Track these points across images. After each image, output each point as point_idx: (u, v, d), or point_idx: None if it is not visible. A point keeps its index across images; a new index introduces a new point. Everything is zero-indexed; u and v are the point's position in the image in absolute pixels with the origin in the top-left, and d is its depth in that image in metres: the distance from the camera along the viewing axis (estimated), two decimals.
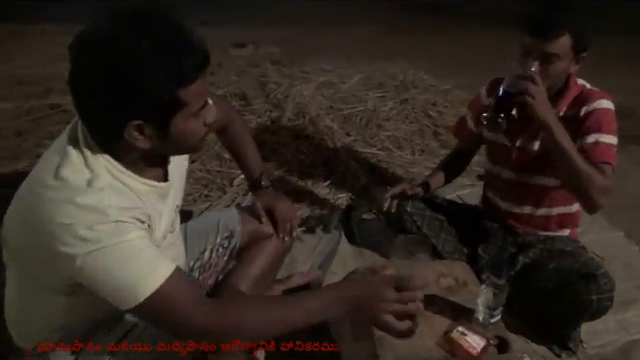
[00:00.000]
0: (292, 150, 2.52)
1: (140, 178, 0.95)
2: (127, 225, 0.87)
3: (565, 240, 1.60)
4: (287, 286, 1.60)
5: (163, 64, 0.82)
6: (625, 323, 1.58)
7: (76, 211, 0.83)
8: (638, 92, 3.68)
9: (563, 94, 1.47)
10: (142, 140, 0.88)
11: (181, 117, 0.88)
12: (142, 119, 0.86)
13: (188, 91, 0.86)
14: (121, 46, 0.81)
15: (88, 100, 0.86)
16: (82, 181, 0.86)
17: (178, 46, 0.84)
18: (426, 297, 1.26)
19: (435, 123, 2.92)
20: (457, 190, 2.26)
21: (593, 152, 1.39)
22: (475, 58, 4.72)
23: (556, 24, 1.35)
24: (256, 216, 1.45)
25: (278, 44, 4.55)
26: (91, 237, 0.83)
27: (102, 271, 0.85)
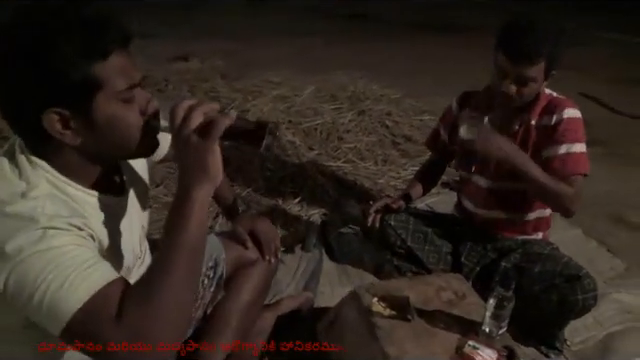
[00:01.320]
0: (257, 168, 2.46)
1: (86, 189, 0.86)
2: (58, 232, 0.74)
3: (541, 243, 1.69)
4: (279, 312, 1.56)
5: (70, 38, 0.74)
6: (600, 318, 1.69)
7: (2, 222, 0.73)
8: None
9: (534, 104, 1.54)
10: (69, 135, 0.79)
11: (103, 99, 0.78)
12: (58, 105, 0.76)
13: (104, 67, 0.77)
14: (25, 27, 0.76)
15: (1, 93, 0.79)
16: (14, 193, 0.76)
17: (89, 21, 0.77)
18: (431, 313, 1.30)
19: (392, 133, 2.98)
20: (426, 199, 2.31)
21: (565, 164, 1.47)
22: (410, 65, 4.92)
23: (534, 52, 1.40)
24: (240, 242, 1.40)
25: (221, 57, 4.45)
26: (15, 248, 0.71)
27: (26, 285, 0.71)
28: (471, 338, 1.20)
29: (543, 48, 1.39)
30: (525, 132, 1.55)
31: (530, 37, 1.39)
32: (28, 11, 0.78)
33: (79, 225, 0.78)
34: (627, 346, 1.61)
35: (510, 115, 1.56)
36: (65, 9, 0.77)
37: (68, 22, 0.75)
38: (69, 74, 0.75)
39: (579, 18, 7.16)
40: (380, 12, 7.56)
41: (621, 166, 3.05)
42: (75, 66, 0.75)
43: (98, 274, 0.74)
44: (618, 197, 2.61)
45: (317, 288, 1.76)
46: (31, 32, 0.75)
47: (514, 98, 1.47)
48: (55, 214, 0.76)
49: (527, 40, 1.38)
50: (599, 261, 2.01)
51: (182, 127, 0.78)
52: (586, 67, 4.85)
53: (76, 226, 0.77)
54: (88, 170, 0.87)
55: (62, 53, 0.74)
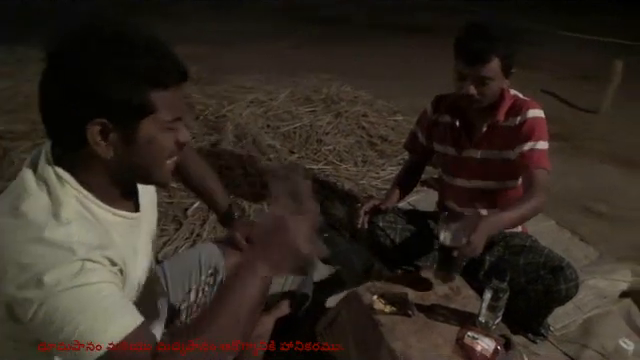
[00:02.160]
0: (240, 173, 2.47)
1: (110, 208, 0.88)
2: (95, 265, 0.77)
3: (521, 235, 1.77)
4: (277, 315, 1.57)
5: (142, 61, 0.79)
6: (578, 303, 1.79)
7: (40, 250, 0.74)
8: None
9: (499, 105, 1.61)
10: (104, 147, 0.81)
11: (149, 123, 0.82)
12: (106, 116, 0.79)
13: (161, 96, 0.81)
14: (104, 37, 0.79)
15: (55, 97, 0.81)
16: (45, 215, 0.77)
17: (157, 49, 0.82)
18: (429, 308, 1.35)
19: (369, 133, 3.04)
20: (407, 197, 2.37)
21: (530, 159, 1.57)
22: (378, 66, 5.03)
23: (485, 51, 1.49)
24: (238, 248, 1.42)
25: (191, 62, 4.39)
26: (52, 281, 0.73)
27: (56, 319, 0.74)
28: (470, 329, 1.26)
29: (494, 47, 1.48)
30: (492, 132, 1.63)
31: (481, 38, 1.48)
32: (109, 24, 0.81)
33: (111, 257, 0.81)
34: (605, 328, 1.72)
35: (478, 117, 1.64)
36: (141, 33, 0.82)
37: (142, 45, 0.80)
38: (130, 94, 0.79)
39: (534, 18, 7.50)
40: (347, 15, 7.65)
41: (583, 160, 3.23)
42: (138, 88, 0.79)
43: (129, 317, 0.79)
44: (584, 189, 2.77)
45: (311, 289, 1.79)
46: (108, 43, 0.78)
47: (477, 99, 1.55)
48: (90, 245, 0.78)
49: (478, 41, 1.48)
50: (574, 250, 2.13)
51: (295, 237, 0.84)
52: (544, 65, 5.08)
53: (109, 259, 0.81)
54: (110, 187, 0.88)
55: (131, 72, 0.78)
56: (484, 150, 1.67)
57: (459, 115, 1.68)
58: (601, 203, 2.64)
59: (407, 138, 1.97)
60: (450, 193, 1.84)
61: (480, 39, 1.49)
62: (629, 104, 4.22)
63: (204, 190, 1.48)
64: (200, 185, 1.47)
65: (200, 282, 1.36)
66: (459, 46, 1.53)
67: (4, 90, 3.34)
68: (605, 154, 3.35)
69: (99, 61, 0.78)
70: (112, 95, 0.78)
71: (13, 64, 4.09)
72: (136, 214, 0.96)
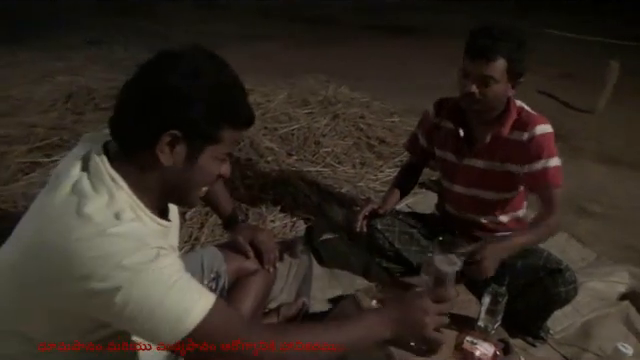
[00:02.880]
0: (238, 176, 2.46)
1: (154, 216, 0.93)
2: (168, 253, 0.83)
3: None
4: (277, 319, 1.58)
5: (228, 98, 0.88)
6: (577, 306, 1.78)
7: (112, 241, 0.78)
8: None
9: (505, 117, 1.59)
10: (168, 154, 0.86)
11: (212, 150, 0.89)
12: (183, 132, 0.85)
13: (230, 134, 0.89)
14: (205, 64, 0.87)
15: (144, 96, 0.85)
16: (109, 215, 0.81)
17: (242, 93, 0.91)
18: None
19: (367, 135, 3.04)
20: (405, 200, 2.37)
21: (544, 179, 1.57)
22: (371, 67, 5.03)
23: (491, 48, 1.47)
24: (241, 252, 1.42)
25: None
26: (134, 263, 0.77)
27: (148, 300, 0.78)
28: (469, 334, 1.27)
29: (500, 46, 1.46)
30: (495, 143, 1.61)
31: (489, 35, 1.47)
32: (206, 54, 0.89)
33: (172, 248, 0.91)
34: (604, 331, 1.72)
35: (482, 127, 1.63)
36: (231, 71, 0.91)
37: (233, 84, 0.89)
38: (211, 122, 0.87)
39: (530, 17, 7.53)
40: (342, 15, 7.64)
41: (578, 160, 3.24)
42: (218, 120, 0.87)
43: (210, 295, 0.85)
44: (580, 190, 2.78)
45: (310, 292, 1.79)
46: (209, 72, 0.86)
47: (478, 99, 1.52)
48: (156, 237, 0.84)
49: (485, 38, 1.47)
50: (571, 252, 2.14)
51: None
52: (539, 66, 5.09)
53: (173, 248, 0.90)
54: (156, 194, 0.92)
55: (219, 105, 0.87)
56: (485, 161, 1.66)
57: (462, 123, 1.66)
58: (595, 203, 2.65)
59: (408, 139, 1.97)
60: (448, 198, 1.84)
61: (488, 36, 1.48)
62: (625, 104, 4.25)
63: (210, 194, 1.49)
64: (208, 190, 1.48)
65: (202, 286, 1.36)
66: (468, 41, 1.51)
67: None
68: (600, 154, 3.37)
69: (196, 84, 0.84)
70: (196, 117, 0.85)
71: (4, 67, 4.06)
72: (169, 223, 0.99)
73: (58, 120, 2.89)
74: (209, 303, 0.82)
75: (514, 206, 1.76)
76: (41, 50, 4.59)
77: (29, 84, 3.57)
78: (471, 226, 1.80)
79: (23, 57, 4.38)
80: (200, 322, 0.80)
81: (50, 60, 4.31)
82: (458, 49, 1.57)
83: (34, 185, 2.22)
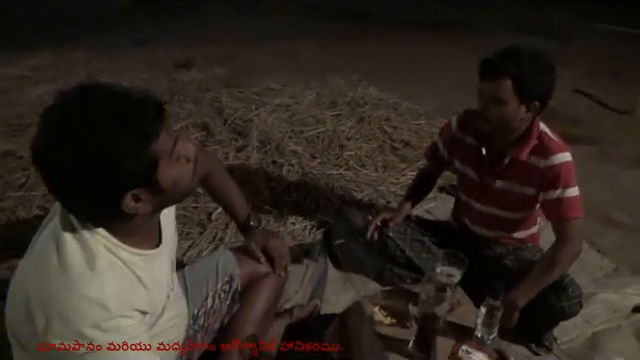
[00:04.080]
0: (262, 178, 2.58)
1: (134, 250, 0.97)
2: (127, 320, 0.89)
3: (531, 250, 1.80)
4: (289, 320, 1.68)
5: (127, 133, 0.83)
6: (587, 317, 1.81)
7: (79, 303, 0.85)
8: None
9: (524, 141, 1.59)
10: (142, 207, 0.91)
11: (163, 168, 0.90)
12: (133, 189, 0.88)
13: (158, 143, 0.88)
14: (78, 141, 0.81)
15: (73, 198, 0.88)
16: (83, 265, 0.88)
17: (130, 110, 0.85)
18: None
19: (392, 138, 3.09)
20: (424, 204, 2.42)
21: (560, 210, 1.56)
22: (404, 64, 5.01)
23: (496, 68, 1.47)
24: (254, 257, 1.52)
25: (220, 63, 4.56)
26: (92, 337, 0.84)
27: None
28: (465, 343, 1.32)
29: (506, 66, 1.45)
30: (514, 166, 1.62)
31: (496, 56, 1.47)
32: (77, 108, 0.83)
33: (140, 308, 0.94)
34: (613, 344, 1.73)
35: (502, 148, 1.64)
36: (109, 101, 0.85)
37: (118, 117, 0.83)
38: (136, 164, 0.86)
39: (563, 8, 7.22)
40: (374, 11, 7.60)
41: (610, 165, 3.16)
42: (138, 155, 0.86)
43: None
44: (607, 197, 2.73)
45: (323, 295, 1.88)
46: (88, 135, 0.81)
47: (484, 117, 1.54)
48: (121, 297, 0.89)
49: (492, 58, 1.47)
50: (588, 261, 2.13)
51: None
52: (575, 61, 4.94)
53: (139, 310, 0.93)
54: (139, 232, 0.98)
55: (125, 149, 0.83)
56: (504, 181, 1.67)
57: (485, 141, 1.67)
58: (623, 213, 2.60)
59: (428, 147, 2.01)
60: (464, 210, 1.88)
61: (498, 55, 1.48)
62: None
63: (225, 201, 1.59)
64: (222, 196, 1.58)
65: (216, 289, 1.46)
66: (480, 60, 1.52)
67: (48, 95, 3.56)
68: (634, 159, 3.27)
69: (91, 157, 0.82)
70: (123, 173, 0.85)
71: (58, 68, 4.32)
72: (158, 249, 1.06)
73: None
74: None
75: (529, 224, 1.79)
76: (88, 50, 4.85)
77: None
78: (484, 239, 1.84)
79: (70, 57, 4.66)
80: None
81: (96, 60, 4.57)
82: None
83: None
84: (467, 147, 1.75)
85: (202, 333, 1.43)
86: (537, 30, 6.10)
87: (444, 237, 1.91)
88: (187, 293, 1.42)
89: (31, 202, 2.31)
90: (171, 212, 1.21)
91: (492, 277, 1.68)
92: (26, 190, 2.40)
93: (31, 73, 4.13)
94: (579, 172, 1.62)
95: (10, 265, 1.91)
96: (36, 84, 3.77)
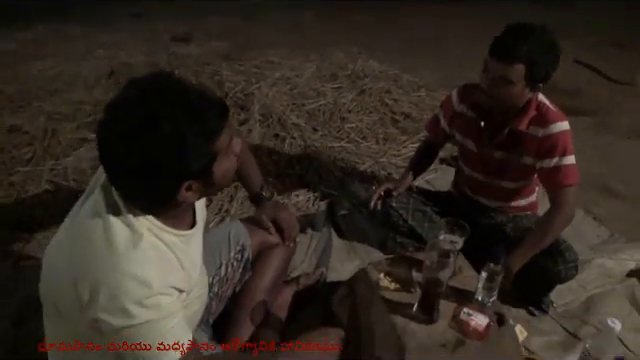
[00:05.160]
0: (265, 152, 2.61)
1: (175, 231, 1.04)
2: (167, 298, 0.96)
3: (530, 217, 1.86)
4: (297, 287, 1.74)
5: (192, 133, 0.89)
6: (583, 282, 1.87)
7: (124, 281, 0.90)
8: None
9: (522, 114, 1.62)
10: (192, 196, 0.98)
11: (218, 163, 0.98)
12: (189, 179, 0.94)
13: (219, 141, 0.96)
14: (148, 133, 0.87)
15: (131, 188, 0.94)
16: (129, 246, 0.93)
17: (199, 110, 0.91)
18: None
19: (392, 110, 3.11)
20: (425, 175, 2.46)
21: (556, 177, 1.61)
22: (405, 37, 4.96)
23: (512, 51, 1.47)
24: (264, 228, 1.58)
25: (219, 36, 4.53)
26: (135, 312, 0.91)
27: (133, 343, 0.94)
28: (466, 306, 1.39)
29: (521, 49, 1.46)
30: (513, 137, 1.66)
31: (514, 36, 1.48)
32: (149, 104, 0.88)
33: (178, 287, 1.00)
34: (607, 306, 1.80)
35: (502, 120, 1.67)
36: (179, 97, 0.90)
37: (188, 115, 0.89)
38: (199, 160, 0.93)
39: None
40: None
41: (608, 136, 3.20)
42: (200, 153, 0.92)
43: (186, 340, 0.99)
44: (605, 167, 2.78)
45: (328, 264, 1.95)
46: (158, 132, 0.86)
47: (490, 94, 1.56)
48: (161, 275, 0.95)
49: (510, 38, 1.48)
50: (585, 229, 2.19)
51: None
52: (575, 31, 4.90)
53: (177, 289, 1.00)
54: (180, 216, 1.05)
55: (191, 146, 0.90)
56: (504, 152, 1.72)
57: (484, 114, 1.70)
58: (620, 183, 2.65)
59: (429, 120, 2.04)
60: (465, 180, 1.93)
61: (513, 37, 1.48)
62: None
63: (241, 172, 1.63)
64: (240, 167, 1.62)
65: (229, 258, 1.52)
66: (494, 38, 1.53)
67: (49, 69, 3.56)
68: (633, 130, 3.30)
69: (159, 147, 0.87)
70: (185, 168, 0.91)
71: (57, 43, 4.28)
72: (194, 229, 1.12)
73: (102, 96, 3.09)
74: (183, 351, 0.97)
75: (528, 192, 1.84)
76: (85, 24, 4.80)
77: (76, 60, 3.79)
78: (484, 208, 1.89)
79: (67, 31, 4.61)
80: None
81: (94, 34, 4.53)
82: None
83: (83, 160, 2.45)
84: (467, 120, 1.78)
85: (216, 300, 1.49)
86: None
87: (445, 207, 1.96)
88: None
89: (40, 177, 2.34)
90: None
91: (492, 244, 1.77)
92: (33, 165, 2.43)
93: (28, 48, 4.10)
94: (578, 143, 1.66)
95: (24, 238, 1.96)
96: (35, 59, 3.75)
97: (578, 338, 1.67)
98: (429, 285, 1.32)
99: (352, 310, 1.54)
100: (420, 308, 1.36)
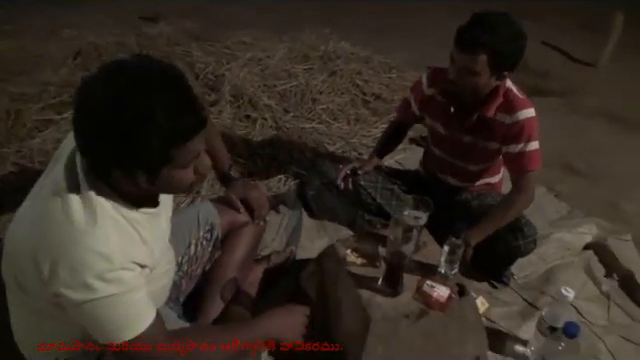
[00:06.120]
0: (236, 133, 2.61)
1: (136, 208, 1.03)
2: (128, 273, 0.96)
3: (494, 196, 1.92)
4: (267, 265, 1.77)
5: (159, 128, 0.87)
6: (542, 255, 1.96)
7: (85, 255, 0.91)
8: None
9: (490, 101, 1.67)
10: (131, 184, 0.96)
11: (169, 168, 0.94)
12: (134, 167, 0.92)
13: (182, 150, 0.92)
14: (121, 101, 0.86)
15: (84, 136, 0.92)
16: (88, 221, 0.93)
17: (176, 110, 0.88)
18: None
19: (363, 91, 3.13)
20: (394, 155, 2.50)
21: (520, 163, 1.67)
22: (377, 19, 4.95)
23: (475, 42, 1.51)
24: (233, 207, 1.59)
25: (189, 16, 4.43)
26: (96, 286, 0.91)
27: (95, 316, 0.95)
28: (429, 278, 1.44)
29: (484, 40, 1.49)
30: (481, 122, 1.71)
31: (477, 28, 1.50)
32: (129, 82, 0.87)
33: (139, 262, 1.01)
34: (564, 277, 1.89)
35: (471, 106, 1.71)
36: (154, 85, 0.88)
37: (161, 109, 0.87)
38: (149, 154, 0.90)
39: None
40: None
41: (575, 116, 3.29)
42: (156, 150, 0.89)
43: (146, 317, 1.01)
44: (569, 146, 2.87)
45: (298, 242, 1.98)
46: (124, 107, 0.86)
47: (457, 85, 1.60)
48: (123, 249, 0.96)
49: (472, 30, 1.51)
50: (546, 205, 2.28)
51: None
52: (544, 15, 4.99)
53: (138, 264, 1.00)
54: (139, 196, 1.04)
55: (153, 134, 0.87)
56: (472, 136, 1.77)
57: (453, 99, 1.73)
58: (583, 161, 2.75)
59: (400, 103, 2.07)
60: (433, 160, 1.98)
61: (475, 28, 1.50)
62: (628, 57, 4.20)
63: (210, 150, 1.64)
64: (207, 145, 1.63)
65: (199, 237, 1.54)
66: (457, 29, 1.55)
67: (13, 49, 3.44)
68: (598, 110, 3.40)
69: (122, 120, 0.86)
70: (133, 154, 0.89)
71: (21, 22, 4.13)
72: (157, 208, 1.11)
73: (68, 77, 3.02)
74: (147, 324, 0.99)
75: (493, 172, 1.91)
76: (52, 3, 4.61)
77: (42, 40, 3.67)
78: (451, 187, 1.96)
79: (30, 11, 4.44)
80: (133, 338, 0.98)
81: (59, 15, 4.37)
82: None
83: (48, 142, 2.40)
84: (437, 104, 1.82)
85: (186, 279, 1.51)
86: None
87: (413, 185, 2.01)
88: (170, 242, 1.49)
89: (5, 159, 2.29)
90: None
91: (457, 220, 1.83)
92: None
93: None
94: (546, 123, 1.72)
95: None
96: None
97: (536, 307, 1.75)
98: (393, 258, 1.37)
99: (320, 285, 1.58)
100: (385, 281, 1.41)
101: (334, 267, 1.53)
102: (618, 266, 1.96)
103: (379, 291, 1.41)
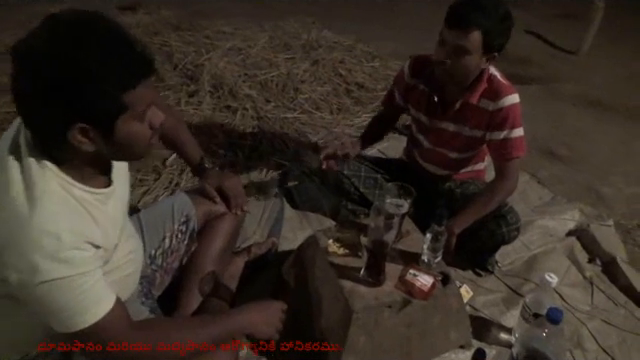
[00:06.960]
0: (216, 124, 2.56)
1: (85, 187, 0.97)
2: (81, 253, 0.91)
3: (477, 183, 1.90)
4: (248, 257, 1.73)
5: (106, 70, 0.84)
6: (526, 242, 1.95)
7: (32, 236, 0.85)
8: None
9: (475, 86, 1.64)
10: (87, 143, 0.90)
11: (124, 120, 0.90)
12: (86, 122, 0.87)
13: (132, 95, 0.88)
14: (64, 53, 0.82)
15: (31, 105, 0.87)
16: (35, 198, 0.87)
17: (121, 52, 0.86)
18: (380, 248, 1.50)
19: (346, 81, 3.10)
20: (377, 145, 2.47)
21: (504, 150, 1.64)
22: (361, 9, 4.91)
23: (468, 19, 1.47)
24: (209, 197, 1.55)
25: (167, 4, 4.34)
26: (46, 267, 0.85)
27: (48, 301, 0.89)
28: (413, 267, 1.42)
29: (477, 18, 1.46)
30: (465, 110, 1.68)
31: (465, 5, 1.48)
32: (60, 31, 0.83)
33: (93, 242, 0.94)
34: (548, 264, 1.89)
35: (453, 93, 1.68)
36: (97, 32, 0.84)
37: (103, 49, 0.84)
38: (102, 101, 0.86)
39: None
40: None
41: (556, 103, 3.30)
42: (108, 95, 0.86)
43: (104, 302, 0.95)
44: (551, 133, 2.88)
45: (280, 233, 1.94)
46: (67, 55, 0.82)
47: (448, 67, 1.55)
48: (73, 228, 0.90)
49: (465, 7, 1.48)
50: (529, 192, 2.27)
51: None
52: (530, 4, 5.01)
53: (92, 244, 0.94)
54: (90, 170, 0.98)
55: (100, 81, 0.84)
56: (455, 125, 1.74)
57: (436, 87, 1.70)
58: (565, 147, 2.76)
59: (385, 95, 2.02)
60: (416, 148, 1.95)
61: (468, 6, 1.48)
62: (608, 45, 4.24)
63: (176, 143, 1.59)
64: (173, 138, 1.57)
65: (174, 230, 1.49)
66: (449, 8, 1.52)
67: None
68: (578, 97, 3.42)
69: (69, 71, 0.82)
70: (86, 104, 0.85)
71: None
72: (110, 188, 1.05)
73: None
74: (106, 309, 0.94)
75: (476, 160, 1.89)
76: None
77: (14, 30, 3.56)
78: (435, 175, 1.93)
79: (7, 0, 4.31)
80: (92, 324, 0.92)
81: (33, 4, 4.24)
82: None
83: None
84: (420, 93, 1.79)
85: (161, 272, 1.46)
86: None
87: (397, 174, 1.98)
88: (143, 234, 1.43)
89: None
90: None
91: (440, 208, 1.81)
92: None
93: None
94: (528, 110, 1.70)
95: None
96: None
97: (520, 295, 1.74)
98: (375, 247, 1.34)
99: (301, 276, 1.55)
100: (367, 271, 1.38)
101: (316, 257, 1.50)
102: (601, 251, 1.96)
103: (361, 281, 1.38)
